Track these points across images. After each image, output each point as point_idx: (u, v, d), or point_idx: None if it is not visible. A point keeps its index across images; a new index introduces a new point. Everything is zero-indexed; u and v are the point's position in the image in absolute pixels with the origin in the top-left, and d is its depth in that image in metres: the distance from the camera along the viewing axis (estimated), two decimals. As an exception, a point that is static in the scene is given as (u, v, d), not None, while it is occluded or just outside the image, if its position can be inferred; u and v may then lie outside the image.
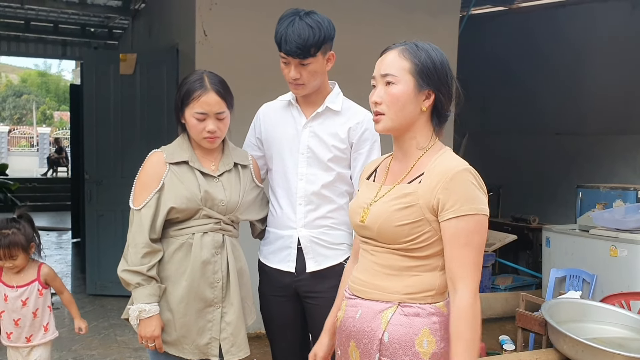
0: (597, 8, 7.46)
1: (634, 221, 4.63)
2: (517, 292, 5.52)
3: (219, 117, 2.34)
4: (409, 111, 1.77)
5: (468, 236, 1.68)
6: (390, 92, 1.76)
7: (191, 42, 4.92)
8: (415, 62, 1.76)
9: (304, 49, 2.27)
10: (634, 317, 3.29)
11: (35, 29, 10.83)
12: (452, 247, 1.70)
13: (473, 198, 1.69)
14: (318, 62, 2.34)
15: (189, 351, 2.35)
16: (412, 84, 1.76)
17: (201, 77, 2.35)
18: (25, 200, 14.54)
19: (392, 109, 1.77)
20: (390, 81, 1.77)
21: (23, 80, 51.42)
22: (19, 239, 2.95)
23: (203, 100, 2.30)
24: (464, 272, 1.69)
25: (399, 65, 1.77)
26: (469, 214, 1.68)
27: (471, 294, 1.68)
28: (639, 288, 4.38)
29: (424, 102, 1.78)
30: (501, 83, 8.43)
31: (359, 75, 2.80)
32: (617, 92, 7.28)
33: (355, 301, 1.86)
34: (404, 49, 1.79)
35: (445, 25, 5.64)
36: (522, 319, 3.68)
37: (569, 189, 6.60)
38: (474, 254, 1.69)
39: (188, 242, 2.33)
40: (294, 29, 2.26)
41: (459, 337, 1.68)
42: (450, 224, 1.70)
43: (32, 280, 3.05)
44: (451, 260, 1.71)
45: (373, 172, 1.99)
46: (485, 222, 1.73)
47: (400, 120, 1.78)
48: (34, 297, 3.04)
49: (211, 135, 2.33)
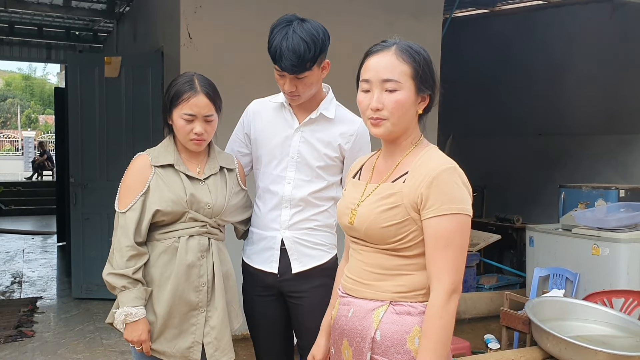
0: (578, 10, 7.54)
1: (615, 220, 4.70)
2: (501, 291, 5.56)
3: (207, 119, 2.33)
4: (410, 115, 1.77)
5: (449, 236, 1.68)
6: (395, 99, 1.73)
7: (176, 45, 4.92)
8: (416, 67, 1.74)
9: (300, 65, 2.24)
10: (616, 315, 3.33)
11: (19, 32, 10.73)
12: (432, 247, 1.70)
13: (456, 197, 1.68)
14: (314, 74, 2.31)
15: (170, 354, 2.33)
16: (413, 89, 1.75)
17: (191, 79, 2.34)
18: (10, 204, 14.48)
19: (396, 114, 1.75)
20: (393, 88, 1.74)
21: (7, 84, 50.99)
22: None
23: (192, 102, 2.29)
24: (440, 272, 1.68)
25: (400, 70, 1.73)
26: (451, 214, 1.67)
27: (445, 295, 1.67)
28: (620, 286, 4.44)
29: (419, 105, 1.78)
30: (484, 85, 8.49)
31: (341, 77, 2.81)
32: (598, 93, 7.36)
33: (348, 299, 1.87)
34: (400, 52, 1.75)
35: (428, 28, 5.67)
36: (507, 317, 3.71)
37: (551, 189, 6.67)
38: (454, 254, 1.68)
39: (173, 245, 2.31)
40: (289, 44, 2.22)
41: (426, 335, 1.68)
42: (431, 223, 1.69)
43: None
44: (430, 260, 1.71)
45: (359, 170, 1.98)
46: (468, 222, 1.72)
47: (402, 125, 1.78)
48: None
49: (198, 137, 2.32)
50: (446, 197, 1.68)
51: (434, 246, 1.69)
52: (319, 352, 2.09)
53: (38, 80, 51.46)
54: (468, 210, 1.70)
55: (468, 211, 1.70)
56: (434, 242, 1.69)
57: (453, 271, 1.69)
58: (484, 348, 4.60)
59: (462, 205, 1.69)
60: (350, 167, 2.07)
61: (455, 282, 1.69)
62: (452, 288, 1.68)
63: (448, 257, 1.68)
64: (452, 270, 1.68)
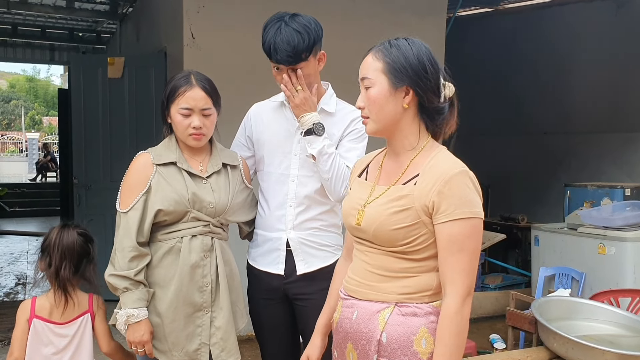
0: (583, 8, 7.51)
1: (621, 219, 4.67)
2: (507, 290, 5.54)
3: (205, 113, 2.31)
4: (389, 110, 1.76)
5: (463, 241, 1.67)
6: (369, 96, 1.77)
7: (179, 45, 4.92)
8: (387, 61, 1.75)
9: (295, 55, 2.25)
10: (623, 314, 3.30)
11: (23, 33, 10.76)
12: (446, 251, 1.69)
13: (468, 201, 1.67)
14: (310, 65, 2.32)
15: (178, 357, 2.31)
16: (386, 83, 1.75)
17: (187, 75, 2.34)
18: (14, 206, 14.50)
19: (373, 111, 1.77)
20: (367, 85, 1.77)
21: (11, 86, 51.15)
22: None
23: (188, 95, 2.28)
24: (455, 277, 1.68)
25: (374, 67, 1.77)
26: (464, 218, 1.67)
27: (460, 299, 1.67)
28: (627, 285, 4.42)
29: (404, 99, 1.76)
30: (488, 83, 8.46)
31: (347, 76, 2.80)
32: (603, 91, 7.33)
33: (351, 302, 1.85)
34: (377, 50, 1.79)
35: (432, 27, 5.65)
36: (513, 317, 3.68)
37: (556, 187, 6.64)
38: (467, 259, 1.68)
39: (177, 245, 2.30)
40: (282, 37, 2.24)
41: (441, 341, 1.68)
42: (444, 228, 1.68)
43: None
44: (444, 264, 1.70)
45: (364, 169, 1.96)
46: (481, 225, 1.71)
47: (383, 121, 1.77)
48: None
49: (197, 131, 2.30)
50: (459, 201, 1.67)
51: (448, 251, 1.68)
52: (314, 352, 2.06)
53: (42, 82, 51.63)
54: (480, 214, 1.70)
55: (480, 214, 1.70)
56: (447, 246, 1.68)
57: (467, 275, 1.68)
58: (489, 348, 4.58)
59: (475, 209, 1.68)
60: (354, 166, 2.05)
61: (470, 286, 1.69)
62: (466, 292, 1.68)
63: (462, 261, 1.68)
64: (466, 274, 1.68)
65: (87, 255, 2.46)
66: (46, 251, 2.43)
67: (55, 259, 2.39)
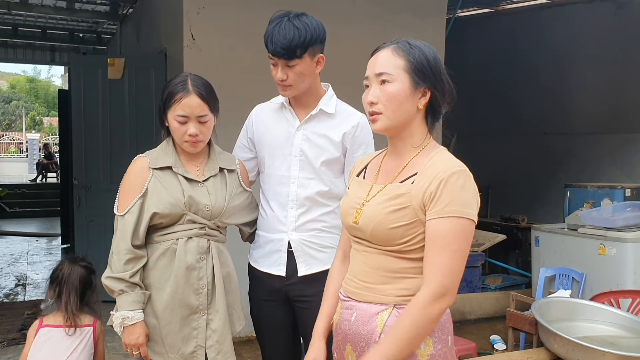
0: (582, 9, 7.51)
1: (621, 219, 4.67)
2: (507, 291, 5.54)
3: (201, 120, 2.30)
4: (406, 109, 1.75)
5: (448, 238, 1.64)
6: (387, 91, 1.73)
7: (179, 46, 4.92)
8: (410, 60, 1.73)
9: (289, 49, 2.26)
10: (623, 315, 3.30)
11: (24, 34, 10.77)
12: (428, 246, 1.67)
13: (461, 201, 1.66)
14: (305, 63, 2.32)
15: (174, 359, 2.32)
16: (407, 81, 1.73)
17: (184, 80, 2.32)
18: (15, 206, 14.51)
19: (389, 107, 1.74)
20: (385, 80, 1.73)
21: (12, 86, 51.11)
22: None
23: (184, 103, 2.27)
24: (431, 273, 1.65)
25: (394, 63, 1.74)
26: (453, 217, 1.65)
27: (429, 296, 1.63)
28: (628, 286, 4.41)
29: (420, 100, 1.75)
30: (488, 84, 8.46)
31: (347, 77, 2.80)
32: (603, 92, 7.33)
33: (350, 303, 1.84)
34: (397, 47, 1.76)
35: (432, 27, 5.65)
36: (513, 318, 3.68)
37: (557, 188, 6.64)
38: (449, 257, 1.64)
39: (172, 247, 2.30)
40: (280, 29, 2.26)
41: (392, 331, 1.66)
42: (432, 224, 1.67)
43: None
44: (425, 259, 1.68)
45: (363, 169, 1.95)
46: (471, 227, 1.68)
47: (398, 119, 1.75)
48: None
49: (193, 139, 2.30)
50: (451, 200, 1.65)
51: (430, 246, 1.67)
52: (320, 355, 1.98)
53: (42, 83, 51.58)
54: (471, 215, 1.67)
55: (471, 216, 1.67)
56: (431, 242, 1.67)
57: (444, 274, 1.64)
58: (490, 349, 4.58)
59: (466, 209, 1.66)
60: (354, 165, 2.05)
61: (445, 285, 1.64)
62: (439, 291, 1.64)
63: (443, 258, 1.65)
64: (443, 273, 1.64)
65: (90, 285, 2.81)
66: (55, 282, 2.76)
67: (64, 291, 2.72)
